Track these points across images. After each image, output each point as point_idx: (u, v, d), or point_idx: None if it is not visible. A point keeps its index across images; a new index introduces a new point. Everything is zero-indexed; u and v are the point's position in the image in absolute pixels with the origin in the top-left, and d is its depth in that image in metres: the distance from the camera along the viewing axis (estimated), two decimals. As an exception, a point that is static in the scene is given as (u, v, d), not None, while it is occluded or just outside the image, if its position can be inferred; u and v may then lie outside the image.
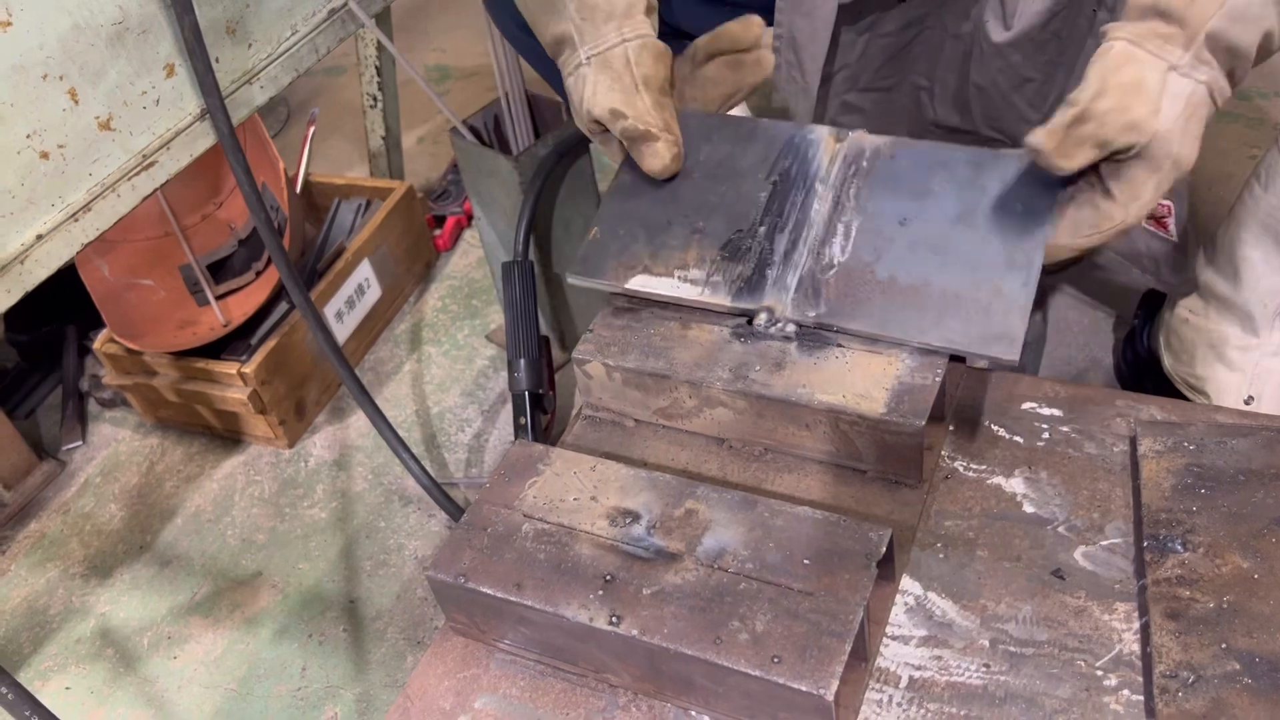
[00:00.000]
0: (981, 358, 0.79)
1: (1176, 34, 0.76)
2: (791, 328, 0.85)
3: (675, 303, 0.89)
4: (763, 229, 0.89)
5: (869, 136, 0.91)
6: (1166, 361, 1.22)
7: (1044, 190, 0.83)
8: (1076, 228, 0.82)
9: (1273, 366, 1.13)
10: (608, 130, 0.94)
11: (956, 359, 0.83)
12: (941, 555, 0.79)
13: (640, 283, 0.90)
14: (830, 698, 0.64)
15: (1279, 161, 1.05)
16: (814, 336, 0.85)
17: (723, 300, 0.87)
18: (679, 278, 0.89)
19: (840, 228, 0.87)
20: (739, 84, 0.97)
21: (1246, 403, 1.14)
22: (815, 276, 0.86)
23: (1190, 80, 0.76)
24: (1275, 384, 1.14)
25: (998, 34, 1.12)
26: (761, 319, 0.86)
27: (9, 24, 0.92)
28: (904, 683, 0.73)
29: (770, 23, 1.10)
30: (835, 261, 0.86)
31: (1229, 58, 0.77)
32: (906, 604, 0.77)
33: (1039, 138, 0.78)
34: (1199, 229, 1.32)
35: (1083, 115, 0.76)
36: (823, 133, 0.93)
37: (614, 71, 0.91)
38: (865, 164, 0.90)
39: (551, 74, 1.23)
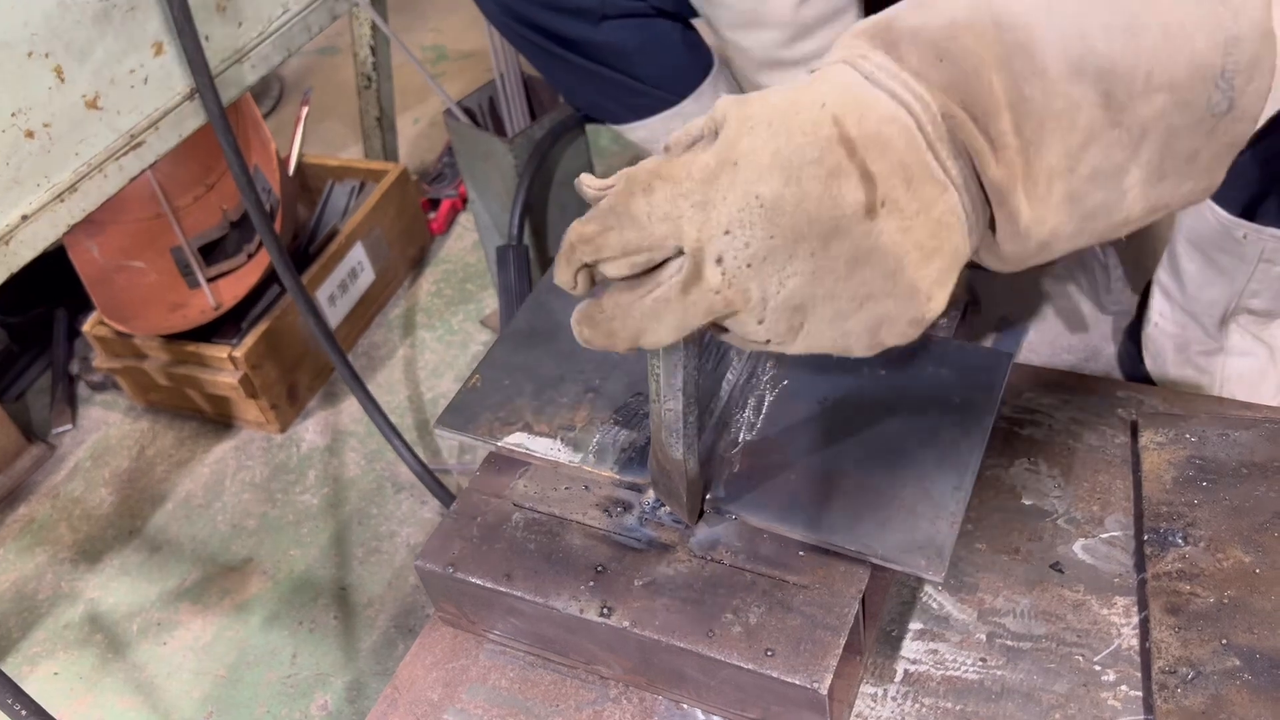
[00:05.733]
0: (898, 570, 0.68)
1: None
2: None
3: (553, 467, 0.78)
4: None
5: None
6: (1146, 362, 1.23)
7: (986, 382, 0.76)
8: None
9: (1240, 366, 1.13)
10: None
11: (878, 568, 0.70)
12: (938, 547, 0.78)
13: (516, 440, 0.79)
14: (824, 691, 0.63)
15: None
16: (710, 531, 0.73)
17: (608, 471, 0.76)
18: (562, 439, 0.78)
19: (752, 401, 0.77)
20: None
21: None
22: (716, 454, 0.75)
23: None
24: (1247, 384, 1.14)
25: None
26: (650, 498, 0.74)
27: (-8, -1, 0.90)
28: (899, 676, 0.72)
29: None
30: (741, 439, 0.76)
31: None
32: (902, 597, 0.76)
33: None
34: (1156, 237, 1.31)
35: None
36: None
37: None
38: None
39: (541, 62, 1.21)
